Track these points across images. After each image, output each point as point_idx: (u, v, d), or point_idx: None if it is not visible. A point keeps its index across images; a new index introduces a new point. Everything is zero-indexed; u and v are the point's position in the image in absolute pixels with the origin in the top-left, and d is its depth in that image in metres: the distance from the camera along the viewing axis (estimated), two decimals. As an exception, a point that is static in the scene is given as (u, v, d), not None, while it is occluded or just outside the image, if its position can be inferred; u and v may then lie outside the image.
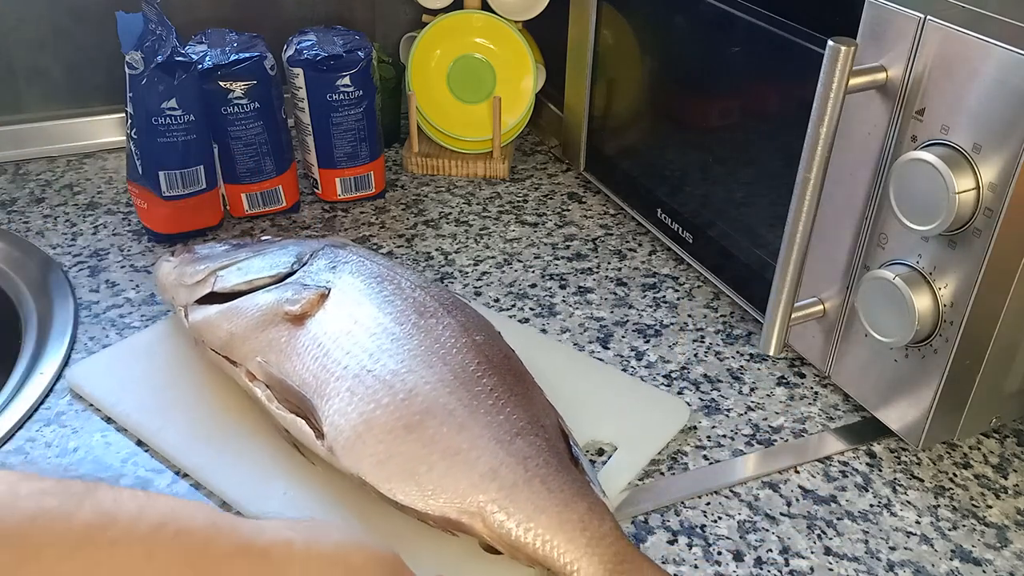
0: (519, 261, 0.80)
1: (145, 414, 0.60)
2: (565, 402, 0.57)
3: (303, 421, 0.54)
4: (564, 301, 0.75)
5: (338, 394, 0.54)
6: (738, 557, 0.53)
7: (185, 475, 0.57)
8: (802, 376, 0.67)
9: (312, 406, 0.54)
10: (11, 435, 0.59)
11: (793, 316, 0.59)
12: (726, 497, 0.57)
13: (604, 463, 0.58)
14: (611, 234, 0.85)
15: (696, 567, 0.52)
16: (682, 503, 0.56)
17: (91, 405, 0.61)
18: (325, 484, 0.55)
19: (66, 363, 0.65)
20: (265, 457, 0.57)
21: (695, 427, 0.62)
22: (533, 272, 0.79)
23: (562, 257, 0.81)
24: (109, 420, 0.60)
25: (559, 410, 0.57)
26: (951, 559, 0.53)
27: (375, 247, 0.82)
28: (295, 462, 0.57)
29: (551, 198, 0.91)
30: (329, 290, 0.60)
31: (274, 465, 0.57)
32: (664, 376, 0.67)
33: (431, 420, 0.52)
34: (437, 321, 0.57)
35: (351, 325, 0.57)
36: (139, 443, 0.59)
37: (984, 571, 0.53)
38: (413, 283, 0.61)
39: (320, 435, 0.53)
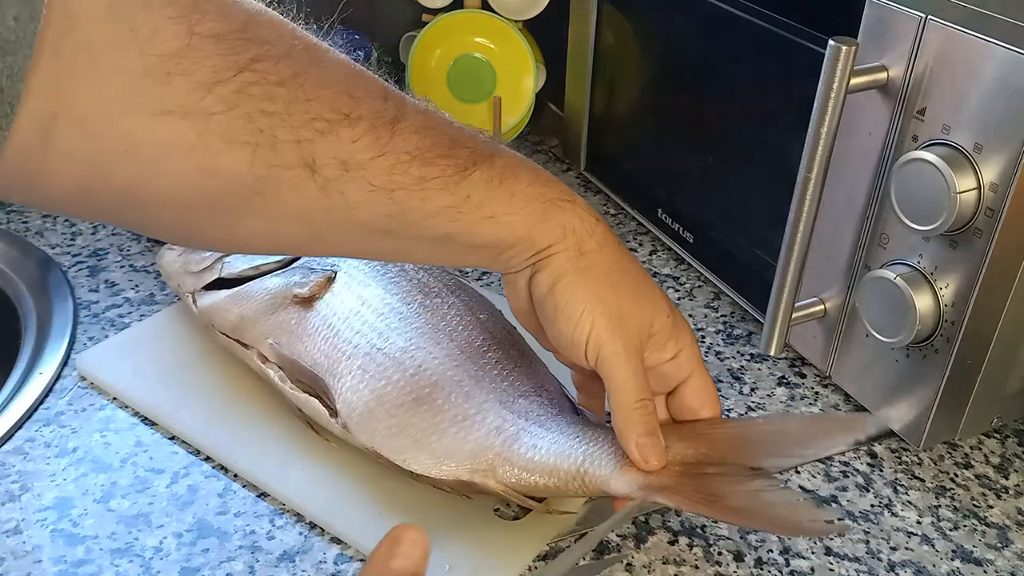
0: (519, 261, 0.80)
1: (158, 397, 0.61)
2: (564, 375, 0.58)
3: (316, 400, 0.56)
4: (564, 301, 0.75)
5: (350, 372, 0.55)
6: (738, 557, 0.53)
7: (188, 463, 0.57)
8: (803, 376, 0.67)
9: (325, 385, 0.55)
10: (10, 435, 0.59)
11: (794, 316, 0.59)
12: (727, 497, 0.57)
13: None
14: (611, 234, 0.85)
15: (697, 567, 0.52)
16: (683, 503, 0.56)
17: (91, 405, 0.61)
18: (340, 459, 0.56)
19: (65, 363, 0.65)
20: (280, 435, 0.58)
21: (695, 427, 0.62)
22: (533, 272, 0.79)
23: (562, 257, 0.81)
24: (109, 421, 0.60)
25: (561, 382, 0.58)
26: (952, 559, 0.53)
27: (375, 247, 0.82)
28: (309, 438, 0.58)
29: (551, 198, 0.91)
30: (336, 273, 0.61)
31: (289, 442, 0.58)
32: (664, 376, 0.67)
33: (440, 392, 0.53)
34: (442, 301, 0.59)
35: (359, 306, 0.58)
36: (138, 443, 0.59)
37: (985, 571, 0.53)
38: (416, 265, 0.62)
39: (333, 413, 0.55)
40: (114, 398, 0.62)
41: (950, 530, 0.55)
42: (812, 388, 0.66)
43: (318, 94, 0.41)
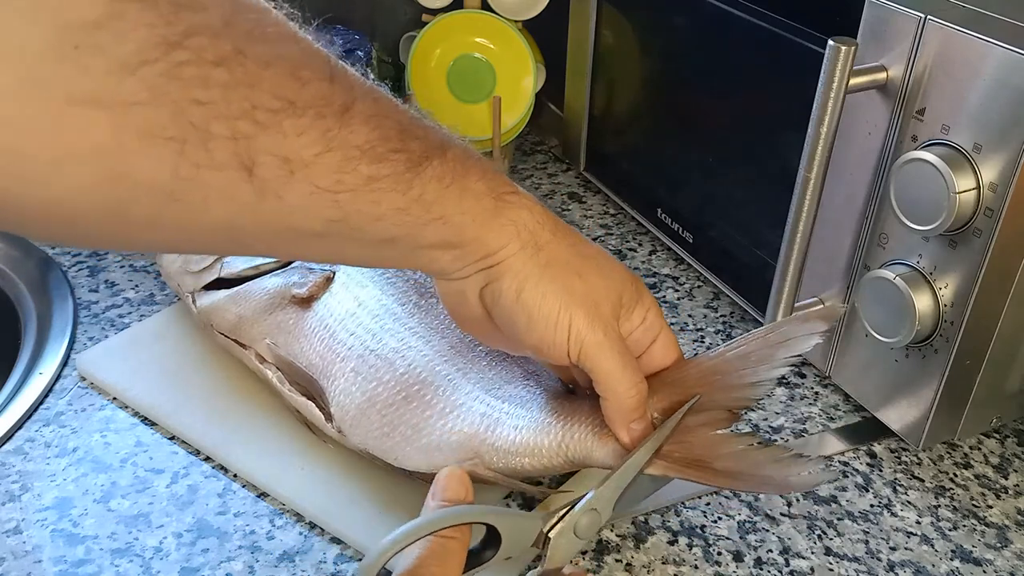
0: (519, 261, 0.80)
1: (158, 397, 0.61)
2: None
3: (312, 403, 0.56)
4: (564, 301, 0.75)
5: (343, 374, 0.55)
6: (738, 557, 0.53)
7: (188, 463, 0.57)
8: (802, 376, 0.67)
9: (320, 388, 0.56)
10: (10, 435, 0.59)
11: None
12: (726, 497, 0.57)
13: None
14: (611, 234, 0.85)
15: (696, 567, 0.52)
16: (682, 503, 0.56)
17: (91, 405, 0.61)
18: (339, 459, 0.56)
19: (65, 363, 0.65)
20: (279, 435, 0.58)
21: (695, 427, 0.62)
22: (533, 272, 0.79)
23: (562, 257, 0.81)
24: (109, 421, 0.60)
25: None
26: (951, 559, 0.53)
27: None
28: (309, 438, 0.58)
29: (551, 198, 0.91)
30: (334, 273, 0.61)
31: (289, 442, 0.58)
32: (664, 376, 0.67)
33: (428, 388, 0.53)
34: (437, 300, 0.59)
35: (355, 307, 0.58)
36: (138, 443, 0.59)
37: (984, 571, 0.53)
38: None
39: (328, 416, 0.55)
40: (114, 398, 0.62)
41: (949, 530, 0.55)
42: (812, 388, 0.66)
43: (260, 76, 0.34)
